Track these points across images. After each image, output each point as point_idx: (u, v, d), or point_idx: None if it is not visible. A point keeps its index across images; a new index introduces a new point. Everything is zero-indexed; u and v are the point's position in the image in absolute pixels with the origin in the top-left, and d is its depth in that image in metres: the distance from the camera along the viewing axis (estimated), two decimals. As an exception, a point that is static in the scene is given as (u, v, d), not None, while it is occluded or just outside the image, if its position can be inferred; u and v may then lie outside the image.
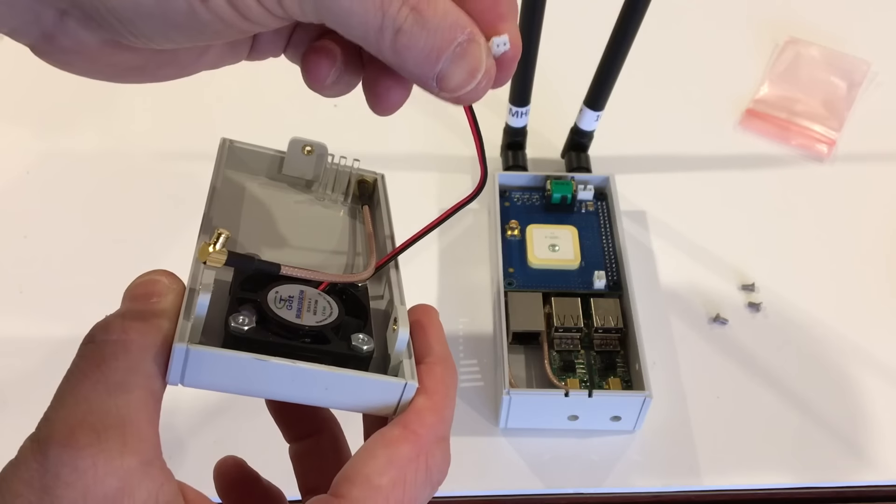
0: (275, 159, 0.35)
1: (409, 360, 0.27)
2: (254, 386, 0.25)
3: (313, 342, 0.27)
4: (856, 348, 0.52)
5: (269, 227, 0.33)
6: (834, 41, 0.69)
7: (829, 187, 0.61)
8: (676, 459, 0.47)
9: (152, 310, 0.25)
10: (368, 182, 0.36)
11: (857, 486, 0.47)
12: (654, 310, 0.53)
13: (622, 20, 0.50)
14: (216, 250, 0.26)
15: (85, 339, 0.24)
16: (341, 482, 0.25)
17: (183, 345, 0.24)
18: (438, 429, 0.26)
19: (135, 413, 0.23)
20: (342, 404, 0.27)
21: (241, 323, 0.26)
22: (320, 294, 0.29)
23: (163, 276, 0.26)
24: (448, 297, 0.54)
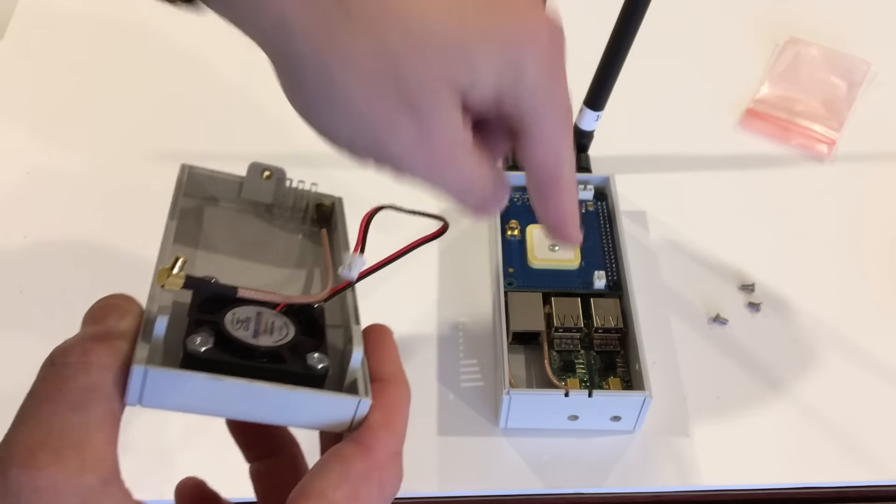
0: (234, 184, 0.36)
1: (364, 377, 0.28)
2: (211, 406, 0.26)
3: (269, 362, 0.27)
4: (856, 348, 0.52)
5: (228, 250, 0.34)
6: (834, 41, 0.69)
7: (829, 187, 0.61)
8: (676, 459, 0.47)
9: (111, 332, 0.25)
10: (326, 206, 0.37)
11: (857, 486, 0.47)
12: (654, 310, 0.53)
13: (622, 20, 0.50)
14: (174, 274, 0.26)
15: (45, 363, 0.25)
16: (297, 497, 0.25)
17: (141, 366, 0.24)
18: (391, 444, 0.27)
19: (94, 433, 0.23)
20: (298, 422, 0.27)
21: (198, 344, 0.26)
22: (277, 315, 0.29)
23: (121, 299, 0.27)
24: (448, 297, 0.54)
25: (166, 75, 0.67)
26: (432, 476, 0.46)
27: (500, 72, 0.29)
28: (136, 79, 0.66)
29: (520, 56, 0.29)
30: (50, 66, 0.67)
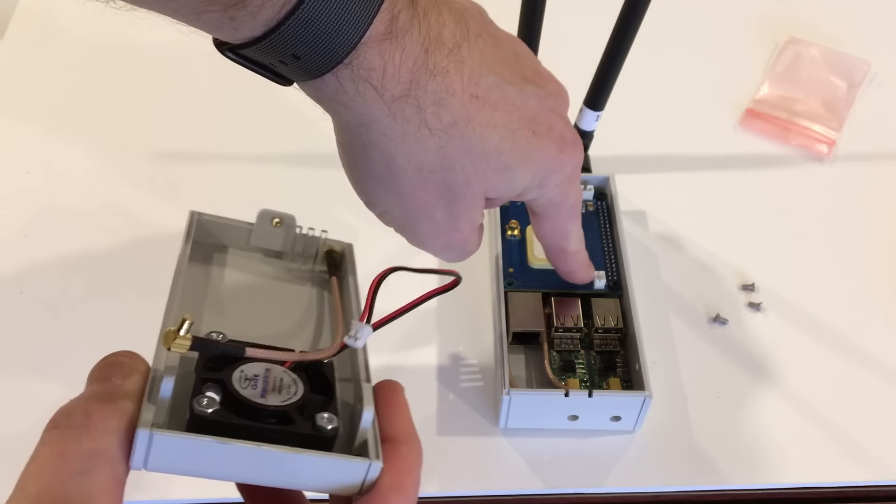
0: (244, 230, 0.36)
1: (374, 439, 0.27)
2: (218, 470, 0.25)
3: (278, 423, 0.27)
4: (856, 348, 0.52)
5: (237, 299, 0.34)
6: (834, 41, 0.69)
7: (829, 187, 0.61)
8: (676, 459, 0.47)
9: (116, 392, 0.25)
10: (336, 252, 0.37)
11: (857, 485, 0.47)
12: (654, 310, 0.53)
13: (622, 20, 0.50)
14: (181, 336, 0.26)
15: (48, 426, 0.24)
16: None
17: (146, 429, 0.24)
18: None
19: (98, 500, 0.23)
20: (307, 486, 0.27)
21: (205, 405, 0.26)
22: (286, 372, 0.29)
23: (126, 357, 0.26)
24: (448, 297, 0.54)
25: (167, 75, 0.67)
26: (432, 476, 0.46)
27: (528, 183, 0.37)
28: (137, 79, 0.66)
29: (547, 175, 0.37)
30: (50, 66, 0.67)
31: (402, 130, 0.32)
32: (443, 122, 0.32)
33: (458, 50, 0.32)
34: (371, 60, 0.29)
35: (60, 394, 0.25)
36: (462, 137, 0.33)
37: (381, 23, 0.29)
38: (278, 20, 0.28)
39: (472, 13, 0.34)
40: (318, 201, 0.51)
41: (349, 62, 0.29)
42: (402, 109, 0.31)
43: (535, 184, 0.37)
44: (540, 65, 0.38)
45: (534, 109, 0.35)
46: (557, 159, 0.37)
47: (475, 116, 0.33)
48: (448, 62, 0.31)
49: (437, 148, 0.33)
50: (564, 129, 0.37)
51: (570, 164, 0.38)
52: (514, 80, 0.35)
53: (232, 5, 0.27)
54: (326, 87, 0.30)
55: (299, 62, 0.29)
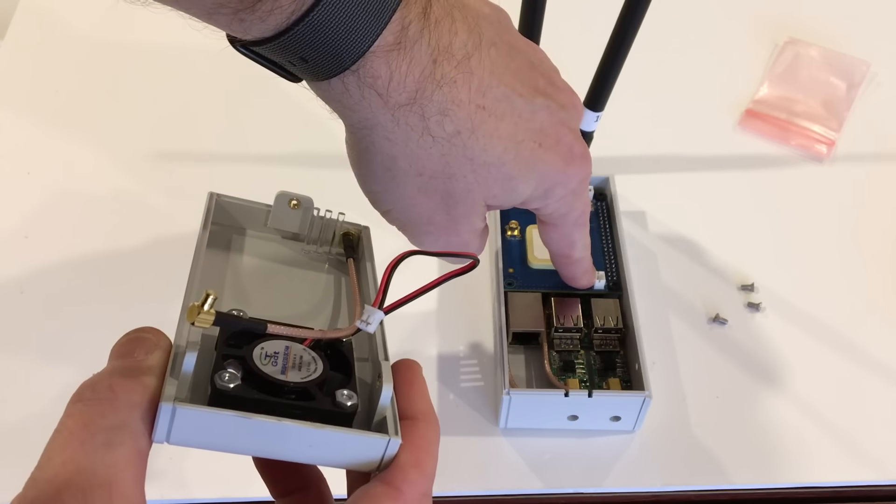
0: (261, 212, 0.36)
1: (393, 415, 0.28)
2: (239, 443, 0.26)
3: (298, 399, 0.27)
4: (856, 348, 0.52)
5: (255, 280, 0.34)
6: (833, 41, 0.69)
7: (829, 187, 0.61)
8: (676, 459, 0.47)
9: (139, 367, 0.25)
10: (353, 235, 0.37)
11: (857, 485, 0.47)
12: (653, 310, 0.53)
13: (622, 20, 0.50)
14: (204, 311, 0.26)
15: (72, 398, 0.24)
16: None
17: (169, 403, 0.24)
18: (421, 485, 0.27)
19: (121, 473, 0.23)
20: (327, 461, 0.27)
21: (227, 380, 0.26)
22: (305, 349, 0.29)
23: (149, 333, 0.27)
24: (448, 297, 0.54)
25: (167, 75, 0.67)
26: (432, 476, 0.46)
27: (531, 193, 0.37)
28: (138, 78, 0.67)
29: (551, 187, 0.37)
30: (50, 66, 0.67)
31: (404, 136, 0.32)
32: (446, 131, 0.32)
33: (468, 61, 0.32)
34: (377, 69, 0.30)
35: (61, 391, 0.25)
36: (465, 147, 0.33)
37: (391, 33, 0.29)
38: (287, 25, 0.28)
39: (490, 20, 0.34)
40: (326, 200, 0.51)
41: (356, 69, 0.30)
42: (405, 116, 0.31)
43: (538, 194, 0.37)
44: (556, 75, 0.38)
45: (542, 122, 0.35)
46: (563, 172, 0.37)
47: (479, 127, 0.33)
48: (456, 73, 0.32)
49: (439, 155, 0.33)
50: (573, 142, 0.37)
51: (575, 177, 0.38)
52: (524, 91, 0.35)
53: (242, 9, 0.27)
54: (333, 89, 0.31)
55: (307, 65, 0.29)
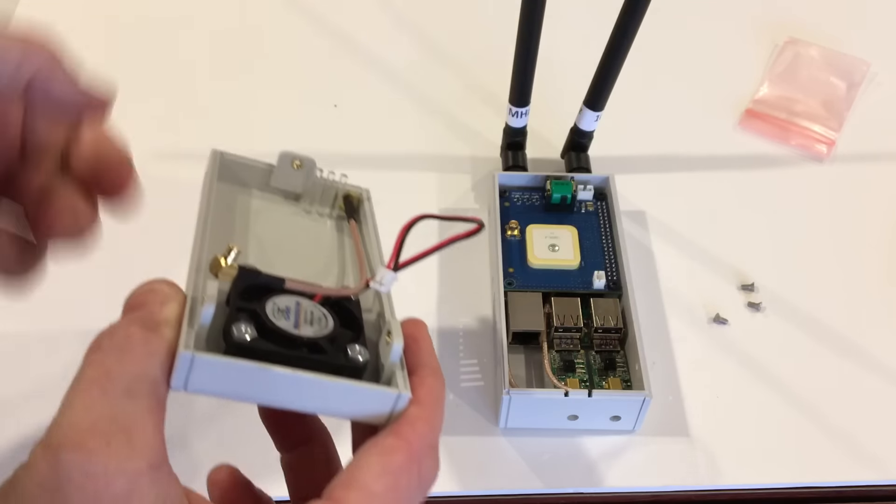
0: (264, 172, 0.36)
1: (402, 371, 0.29)
2: (254, 393, 0.26)
3: (310, 352, 0.28)
4: (856, 348, 0.52)
5: (259, 238, 0.34)
6: (833, 41, 0.69)
7: (829, 187, 0.61)
8: (676, 459, 0.47)
9: (155, 318, 0.26)
10: (354, 197, 0.37)
11: (857, 485, 0.47)
12: (653, 310, 0.53)
13: (622, 20, 0.50)
14: (227, 265, 0.27)
15: (91, 348, 0.25)
16: (337, 487, 0.26)
17: (189, 352, 0.25)
18: (429, 437, 0.27)
19: (141, 419, 0.24)
20: (337, 412, 0.27)
21: (243, 332, 0.26)
22: (315, 305, 0.30)
23: (163, 284, 0.27)
24: (448, 297, 0.54)
25: (168, 75, 0.67)
26: (432, 476, 0.46)
27: None
28: (138, 78, 0.66)
29: None
30: (50, 66, 0.67)
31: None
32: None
33: None
34: None
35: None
36: None
37: None
38: None
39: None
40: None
41: None
42: None
43: None
44: None
45: None
46: None
47: None
48: None
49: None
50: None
51: None
52: None
53: None
54: None
55: None
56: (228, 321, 0.27)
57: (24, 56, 0.28)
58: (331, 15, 0.71)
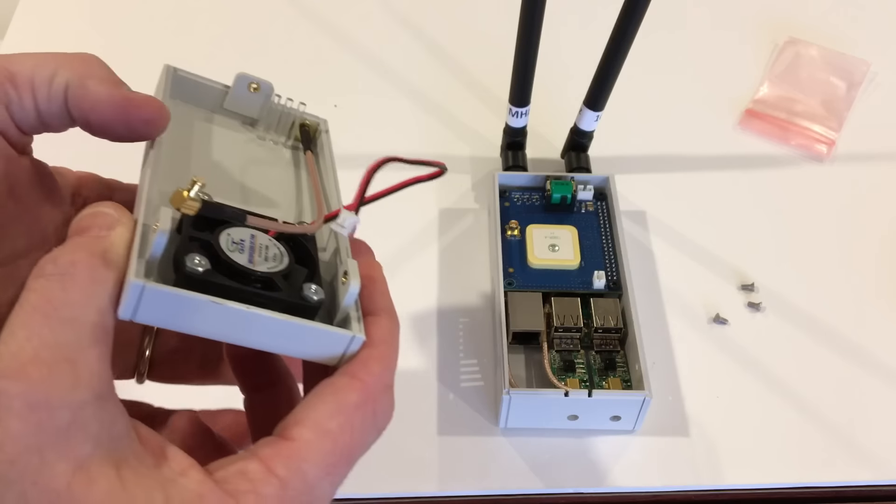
0: (218, 93, 0.35)
1: (357, 313, 0.28)
2: (204, 326, 0.25)
3: (264, 288, 0.27)
4: (856, 348, 0.52)
5: (212, 163, 0.33)
6: (833, 41, 0.69)
7: (829, 187, 0.61)
8: (676, 459, 0.47)
9: (101, 244, 0.25)
10: (311, 126, 0.36)
11: (857, 485, 0.47)
12: (653, 310, 0.53)
13: (622, 20, 0.50)
14: (190, 198, 0.26)
15: (33, 274, 0.24)
16: (291, 425, 0.25)
17: (139, 281, 0.24)
18: (384, 377, 0.27)
19: (87, 348, 0.23)
20: (288, 351, 0.27)
21: (197, 264, 0.25)
22: (270, 240, 0.29)
23: (109, 208, 0.26)
24: (448, 297, 0.54)
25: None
26: (432, 476, 0.46)
27: None
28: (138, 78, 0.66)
29: None
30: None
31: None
32: None
33: None
34: None
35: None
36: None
37: None
38: None
39: None
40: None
41: None
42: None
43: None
44: None
45: None
46: None
47: None
48: None
49: None
50: None
51: None
52: None
53: None
54: None
55: None
56: (180, 251, 0.26)
57: (58, 64, 0.27)
58: (331, 15, 0.71)
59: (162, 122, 0.29)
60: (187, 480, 0.24)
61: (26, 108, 0.27)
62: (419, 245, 0.57)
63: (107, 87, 0.28)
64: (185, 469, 0.24)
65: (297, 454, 0.25)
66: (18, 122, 0.27)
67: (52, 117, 0.27)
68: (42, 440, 0.21)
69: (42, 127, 0.28)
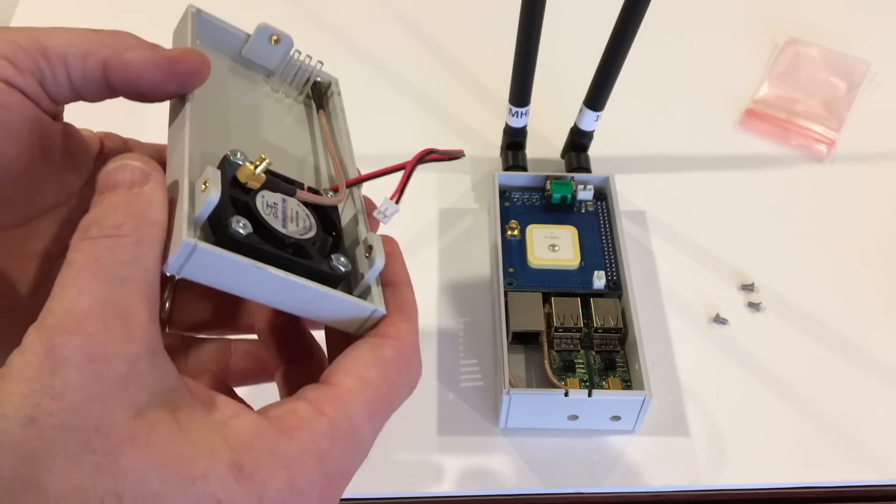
0: (238, 41, 0.35)
1: (377, 287, 0.30)
2: (240, 287, 0.26)
3: (295, 254, 0.28)
4: (856, 348, 0.52)
5: (236, 118, 0.33)
6: (833, 41, 0.69)
7: (829, 187, 0.61)
8: (676, 459, 0.47)
9: (140, 202, 0.25)
10: (322, 84, 0.36)
11: (857, 485, 0.47)
12: (653, 310, 0.53)
13: (622, 20, 0.50)
14: (255, 175, 0.28)
15: (77, 236, 0.24)
16: (333, 373, 0.27)
17: (192, 241, 0.24)
18: (413, 336, 0.29)
19: (137, 305, 0.23)
20: (312, 315, 0.28)
21: (240, 227, 0.26)
22: (299, 205, 0.30)
23: (136, 160, 0.26)
24: (448, 297, 0.54)
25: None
26: (432, 476, 0.46)
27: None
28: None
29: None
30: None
31: None
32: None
33: None
34: None
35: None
36: None
37: None
38: None
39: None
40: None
41: None
42: None
43: None
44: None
45: None
46: None
47: None
48: None
49: None
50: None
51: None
52: None
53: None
54: None
55: None
56: (222, 211, 0.26)
57: (90, 43, 0.28)
58: (331, 15, 0.71)
59: (206, 70, 0.30)
60: (240, 421, 0.25)
61: (60, 83, 0.28)
62: (419, 245, 0.57)
63: (146, 53, 0.29)
64: (238, 412, 0.25)
65: (342, 398, 0.26)
66: (51, 94, 0.28)
67: (88, 91, 0.29)
68: (102, 390, 0.22)
69: (76, 98, 0.29)
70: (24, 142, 0.28)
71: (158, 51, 0.29)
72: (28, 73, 0.27)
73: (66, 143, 0.30)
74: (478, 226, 0.58)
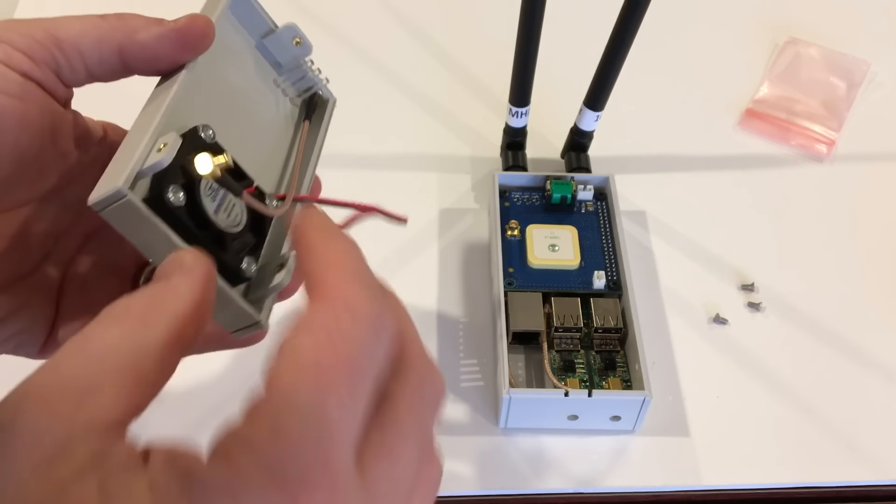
0: (265, 27, 0.36)
1: (272, 301, 0.31)
2: (148, 249, 0.27)
3: (213, 241, 0.29)
4: (856, 348, 0.52)
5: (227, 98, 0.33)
6: (834, 41, 0.69)
7: (829, 187, 0.61)
8: (676, 459, 0.47)
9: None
10: (321, 99, 0.37)
11: (857, 485, 0.47)
12: (653, 310, 0.53)
13: (622, 20, 0.50)
14: (215, 165, 0.29)
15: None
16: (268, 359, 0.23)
17: (125, 190, 0.25)
18: (350, 287, 0.23)
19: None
20: None
21: (176, 198, 0.27)
22: (238, 201, 0.31)
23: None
24: (448, 296, 0.54)
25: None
26: (432, 476, 0.46)
27: None
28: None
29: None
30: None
31: None
32: None
33: None
34: None
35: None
36: None
37: None
38: None
39: None
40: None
41: None
42: None
43: None
44: None
45: None
46: None
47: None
48: None
49: None
50: None
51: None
52: None
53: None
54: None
55: None
56: (166, 173, 0.27)
57: (100, 30, 0.29)
58: (331, 15, 0.71)
59: (211, 34, 0.30)
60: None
61: (76, 70, 0.29)
62: (419, 245, 0.57)
63: (155, 31, 0.29)
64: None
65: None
66: (67, 80, 0.29)
67: (104, 74, 0.30)
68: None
69: (91, 81, 0.30)
70: (39, 131, 0.29)
71: (165, 24, 0.30)
72: (44, 64, 0.28)
73: (73, 129, 0.31)
74: (478, 226, 0.58)
